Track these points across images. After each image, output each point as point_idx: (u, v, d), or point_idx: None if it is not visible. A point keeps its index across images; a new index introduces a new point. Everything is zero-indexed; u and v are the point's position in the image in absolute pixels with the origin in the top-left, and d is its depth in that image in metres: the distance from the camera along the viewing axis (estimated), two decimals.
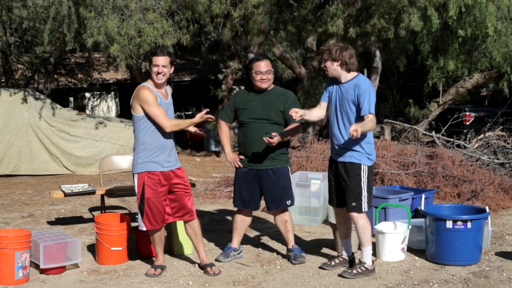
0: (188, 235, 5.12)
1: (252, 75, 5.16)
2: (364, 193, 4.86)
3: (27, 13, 10.56)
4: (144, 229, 4.93)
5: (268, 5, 12.18)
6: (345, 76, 4.85)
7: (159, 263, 5.04)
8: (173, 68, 4.96)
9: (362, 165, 4.84)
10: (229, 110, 5.33)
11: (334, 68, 4.84)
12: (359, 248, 5.03)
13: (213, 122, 14.57)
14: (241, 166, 5.25)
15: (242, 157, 5.28)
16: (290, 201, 5.27)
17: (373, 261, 4.96)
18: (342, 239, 5.16)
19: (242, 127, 5.28)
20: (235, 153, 5.39)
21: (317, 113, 5.05)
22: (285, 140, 5.12)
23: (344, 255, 5.14)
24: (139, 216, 4.93)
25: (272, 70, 5.18)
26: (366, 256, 4.92)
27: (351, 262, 5.10)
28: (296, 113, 4.74)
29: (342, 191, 4.93)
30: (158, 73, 4.81)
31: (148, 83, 4.89)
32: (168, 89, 5.06)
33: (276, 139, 4.93)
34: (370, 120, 4.71)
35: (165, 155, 4.86)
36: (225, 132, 5.38)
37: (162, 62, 4.81)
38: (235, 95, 5.45)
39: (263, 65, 5.13)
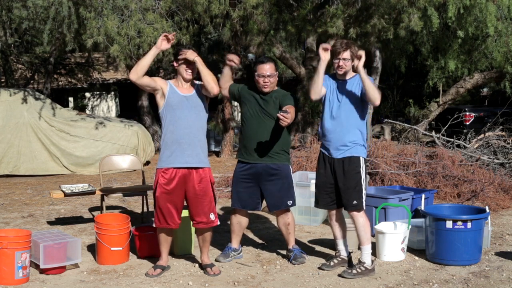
0: (197, 235, 5.13)
1: (255, 77, 5.16)
2: (364, 191, 4.89)
3: (27, 13, 10.55)
4: (154, 225, 4.97)
5: (268, 5, 12.18)
6: (350, 72, 4.91)
7: (161, 263, 5.04)
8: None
9: (361, 158, 4.88)
10: (234, 84, 5.33)
11: (350, 65, 4.88)
12: (359, 248, 5.03)
13: (213, 122, 14.60)
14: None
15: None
16: (291, 201, 5.24)
17: (372, 261, 4.97)
18: (339, 240, 5.16)
19: (243, 122, 5.28)
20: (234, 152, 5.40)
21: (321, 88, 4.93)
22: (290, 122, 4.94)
23: (343, 255, 5.14)
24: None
25: (275, 73, 5.17)
26: (366, 255, 4.92)
27: (349, 261, 5.10)
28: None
29: (340, 191, 4.92)
30: (188, 67, 4.84)
31: (169, 80, 4.93)
32: (197, 86, 4.97)
33: (290, 115, 4.76)
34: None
35: (180, 150, 4.81)
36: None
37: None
38: (243, 85, 5.39)
39: (267, 69, 5.11)
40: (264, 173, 5.16)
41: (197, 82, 5.04)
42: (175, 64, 4.91)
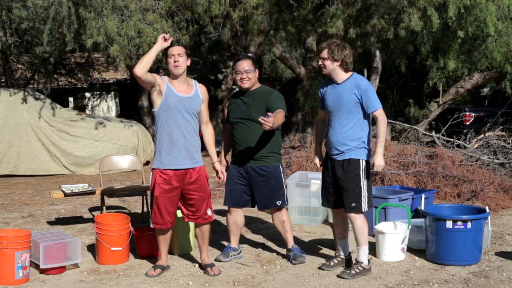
0: (196, 235, 5.13)
1: (234, 75, 5.20)
2: (364, 193, 4.86)
3: (27, 13, 10.55)
4: (152, 226, 4.96)
5: (268, 5, 12.18)
6: (341, 76, 4.87)
7: (161, 263, 5.04)
8: (189, 60, 4.89)
9: (360, 161, 4.82)
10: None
11: (333, 67, 4.85)
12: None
13: (213, 122, 14.61)
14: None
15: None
16: (280, 202, 5.24)
17: (369, 260, 4.97)
18: (340, 239, 5.17)
19: (232, 127, 5.32)
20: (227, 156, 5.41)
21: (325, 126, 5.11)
22: (276, 128, 4.95)
23: (342, 255, 5.14)
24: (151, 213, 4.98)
25: (254, 69, 5.16)
26: (363, 256, 4.93)
27: (348, 262, 5.11)
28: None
29: (340, 192, 4.93)
30: (175, 61, 4.76)
31: (165, 77, 4.88)
32: (197, 87, 4.94)
33: (271, 119, 4.65)
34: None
35: (177, 151, 4.81)
36: (224, 137, 5.46)
37: (177, 51, 4.77)
38: (230, 97, 5.51)
39: (243, 65, 5.13)
40: (254, 174, 5.20)
41: (196, 82, 5.01)
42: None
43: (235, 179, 5.27)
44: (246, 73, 5.13)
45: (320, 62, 4.91)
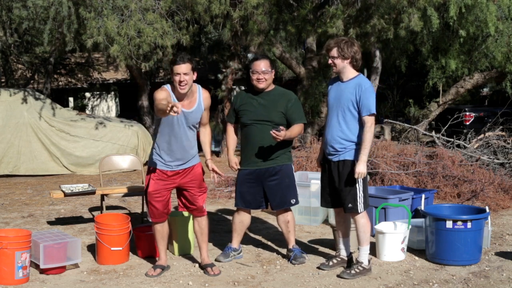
0: (195, 231, 5.14)
1: (250, 74, 5.16)
2: (360, 194, 4.83)
3: (27, 13, 10.55)
4: (151, 220, 4.99)
5: (268, 5, 12.18)
6: (349, 74, 4.84)
7: (161, 263, 5.04)
8: (195, 74, 4.79)
9: (356, 162, 4.80)
10: (232, 111, 5.35)
11: (343, 65, 4.81)
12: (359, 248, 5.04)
13: (213, 122, 14.62)
14: (236, 169, 5.26)
15: (236, 161, 5.28)
16: (294, 200, 5.26)
17: (369, 260, 4.97)
18: (340, 238, 5.16)
19: (243, 128, 5.26)
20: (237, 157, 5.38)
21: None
22: (289, 139, 5.09)
23: (342, 255, 5.14)
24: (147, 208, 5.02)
25: (270, 70, 5.14)
26: (363, 256, 4.93)
27: (349, 261, 5.10)
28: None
29: (337, 192, 4.92)
30: (180, 81, 4.67)
31: (169, 86, 4.82)
32: (200, 96, 4.87)
33: (283, 133, 4.87)
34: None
35: (173, 158, 4.85)
36: (230, 134, 5.40)
37: (183, 70, 4.66)
38: (236, 95, 5.45)
39: (260, 65, 5.10)
40: (267, 173, 5.18)
41: (199, 88, 4.93)
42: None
43: (246, 181, 5.23)
44: (263, 74, 5.09)
45: (330, 61, 4.85)
